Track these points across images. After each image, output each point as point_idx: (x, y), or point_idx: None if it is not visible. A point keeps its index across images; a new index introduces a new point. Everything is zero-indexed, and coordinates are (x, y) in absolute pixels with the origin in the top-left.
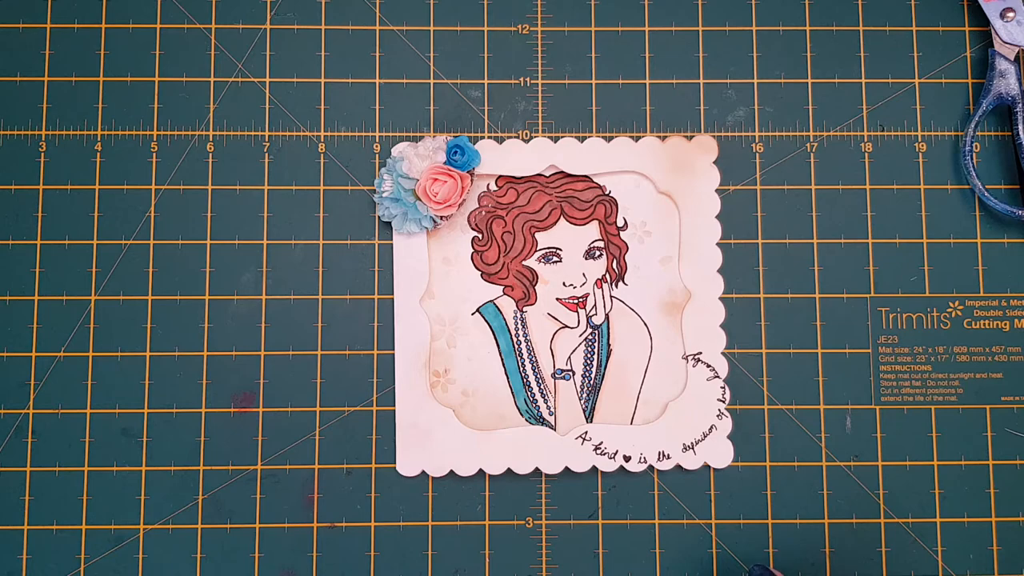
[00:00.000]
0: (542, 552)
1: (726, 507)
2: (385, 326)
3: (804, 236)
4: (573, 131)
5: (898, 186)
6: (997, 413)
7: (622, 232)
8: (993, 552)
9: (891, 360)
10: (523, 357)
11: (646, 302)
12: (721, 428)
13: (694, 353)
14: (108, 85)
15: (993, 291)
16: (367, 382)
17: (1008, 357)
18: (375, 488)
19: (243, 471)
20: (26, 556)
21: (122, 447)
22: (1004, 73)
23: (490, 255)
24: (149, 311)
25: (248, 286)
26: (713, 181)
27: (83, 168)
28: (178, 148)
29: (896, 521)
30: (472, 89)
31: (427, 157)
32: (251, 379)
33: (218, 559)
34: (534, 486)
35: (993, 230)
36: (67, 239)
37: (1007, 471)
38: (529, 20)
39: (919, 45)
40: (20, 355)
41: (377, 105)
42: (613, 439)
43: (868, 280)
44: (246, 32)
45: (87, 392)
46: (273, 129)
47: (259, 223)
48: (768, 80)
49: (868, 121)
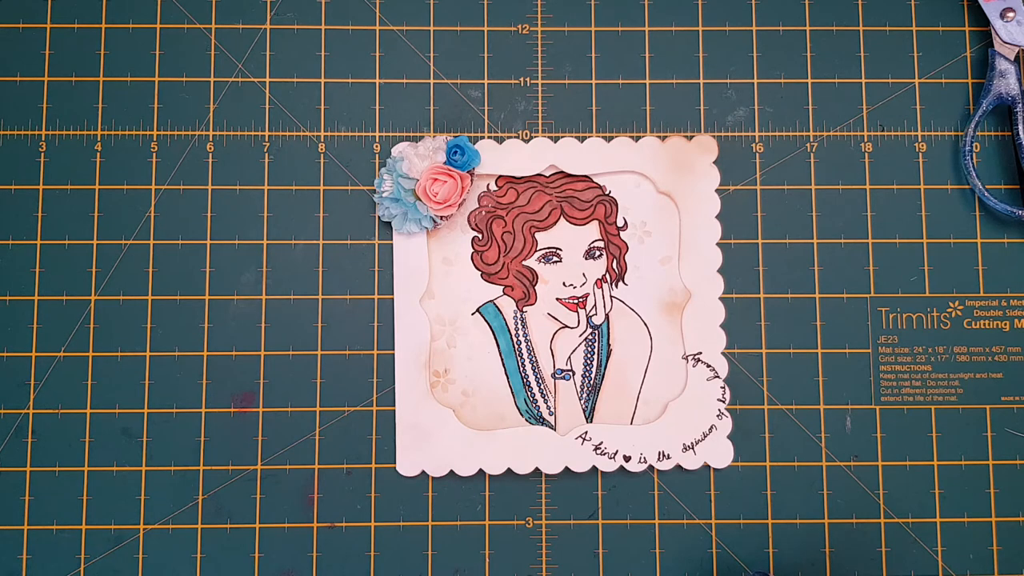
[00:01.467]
0: (542, 552)
1: (726, 507)
2: (385, 326)
3: (804, 236)
4: (573, 131)
5: (898, 186)
6: (997, 413)
7: (622, 232)
8: (993, 552)
9: (891, 360)
10: (523, 357)
11: (646, 302)
12: (721, 428)
13: (694, 353)
14: (108, 85)
15: (993, 291)
16: (367, 382)
17: (1008, 357)
18: (375, 488)
19: (243, 471)
20: (26, 556)
21: (122, 447)
22: (1004, 73)
23: (490, 255)
24: (149, 311)
25: (248, 286)
26: (713, 181)
27: (83, 168)
28: (178, 148)
29: (896, 521)
30: (472, 89)
31: (427, 157)
32: (251, 379)
33: (218, 559)
34: (534, 486)
35: (993, 230)
36: (67, 239)
37: (1007, 471)
38: (529, 20)
39: (919, 45)
40: (20, 355)
41: (377, 105)
42: (613, 439)
43: (868, 280)
44: (246, 32)
45: (87, 392)
46: (273, 129)
47: (259, 223)
48: (768, 80)
49: (868, 121)
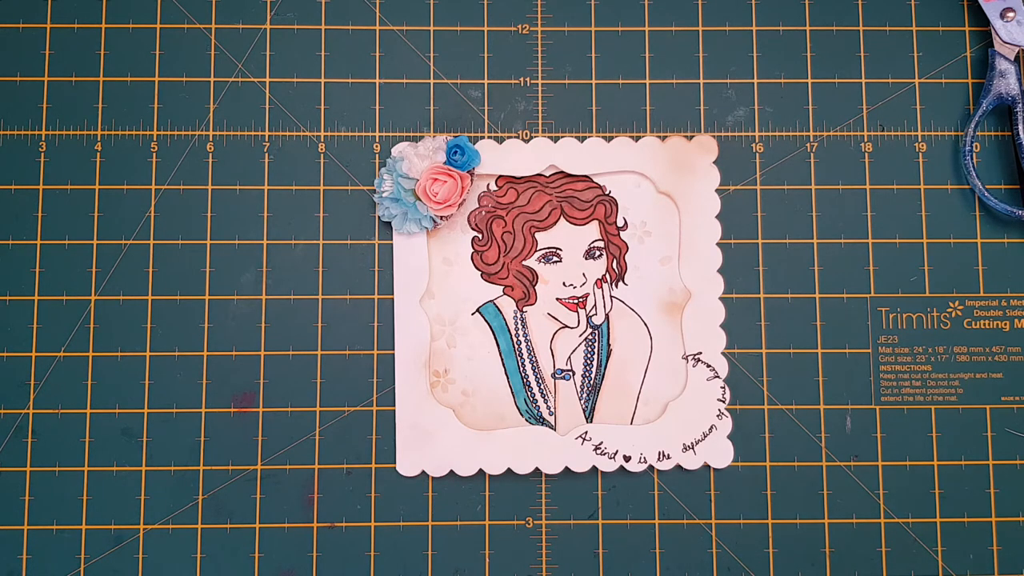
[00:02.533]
0: (542, 552)
1: (726, 507)
2: (385, 326)
3: (804, 236)
4: (573, 131)
5: (898, 186)
6: (997, 413)
7: (622, 232)
8: (993, 552)
9: (891, 360)
10: (523, 357)
11: (646, 302)
12: (721, 428)
13: (694, 353)
14: (108, 85)
15: (993, 291)
16: (367, 382)
17: (1008, 357)
18: (375, 488)
19: (243, 471)
20: (26, 556)
21: (122, 447)
22: (1004, 73)
23: (490, 255)
24: (149, 311)
25: (248, 286)
26: (713, 181)
27: (83, 168)
28: (178, 148)
29: (896, 521)
30: (472, 89)
31: (427, 157)
32: (251, 379)
33: (218, 559)
34: (534, 486)
35: (993, 230)
36: (67, 239)
37: (1007, 471)
38: (529, 20)
39: (919, 45)
40: (20, 355)
41: (377, 105)
42: (613, 439)
43: (868, 280)
44: (246, 32)
45: (87, 392)
46: (273, 129)
47: (259, 223)
48: (768, 80)
49: (868, 121)
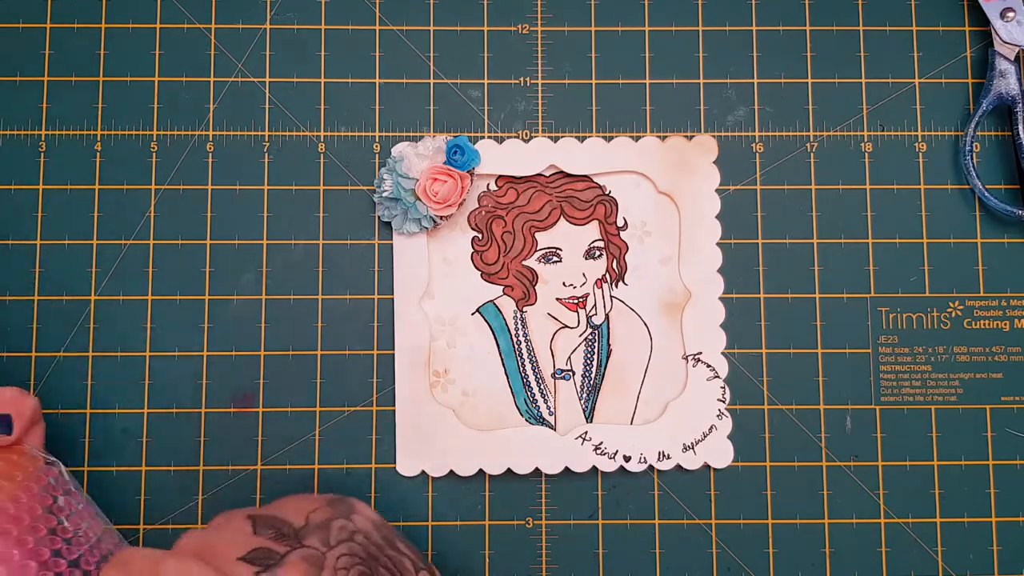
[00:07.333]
0: (542, 552)
1: (726, 507)
2: (385, 326)
3: (804, 236)
4: (573, 131)
5: (898, 186)
6: (997, 413)
7: (622, 232)
8: (993, 552)
9: (891, 360)
10: (523, 357)
11: (646, 302)
12: (721, 428)
13: (694, 353)
14: (108, 85)
15: (993, 291)
16: (367, 382)
17: (1008, 357)
18: (375, 488)
19: (243, 471)
20: None
21: (122, 447)
22: (1004, 73)
23: (490, 255)
24: (149, 311)
25: (248, 286)
26: (713, 181)
27: (83, 168)
28: (178, 148)
29: (896, 521)
30: (472, 89)
31: (427, 157)
32: (251, 379)
33: None
34: (534, 486)
35: (993, 230)
36: (67, 239)
37: (1007, 471)
38: (529, 20)
39: (919, 45)
40: (20, 355)
41: (377, 105)
42: (613, 439)
43: (868, 280)
44: (246, 32)
45: (87, 392)
46: (273, 129)
47: (259, 223)
48: (768, 80)
49: (868, 121)
